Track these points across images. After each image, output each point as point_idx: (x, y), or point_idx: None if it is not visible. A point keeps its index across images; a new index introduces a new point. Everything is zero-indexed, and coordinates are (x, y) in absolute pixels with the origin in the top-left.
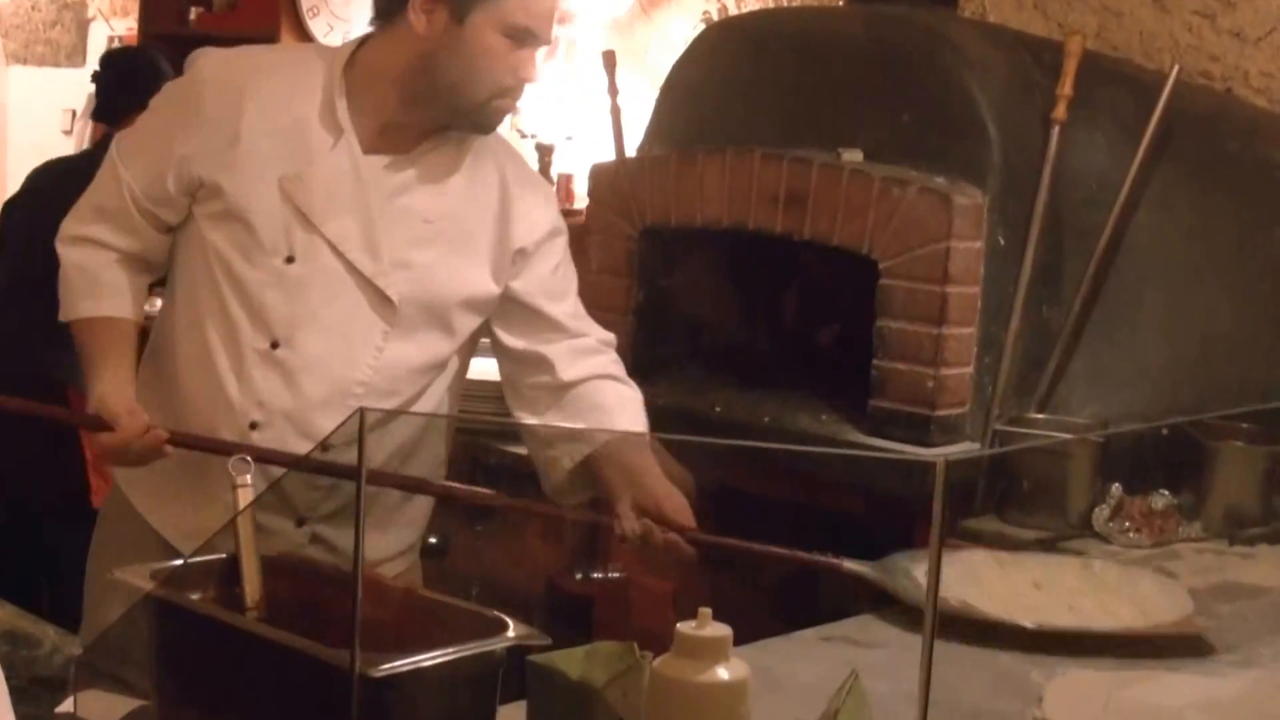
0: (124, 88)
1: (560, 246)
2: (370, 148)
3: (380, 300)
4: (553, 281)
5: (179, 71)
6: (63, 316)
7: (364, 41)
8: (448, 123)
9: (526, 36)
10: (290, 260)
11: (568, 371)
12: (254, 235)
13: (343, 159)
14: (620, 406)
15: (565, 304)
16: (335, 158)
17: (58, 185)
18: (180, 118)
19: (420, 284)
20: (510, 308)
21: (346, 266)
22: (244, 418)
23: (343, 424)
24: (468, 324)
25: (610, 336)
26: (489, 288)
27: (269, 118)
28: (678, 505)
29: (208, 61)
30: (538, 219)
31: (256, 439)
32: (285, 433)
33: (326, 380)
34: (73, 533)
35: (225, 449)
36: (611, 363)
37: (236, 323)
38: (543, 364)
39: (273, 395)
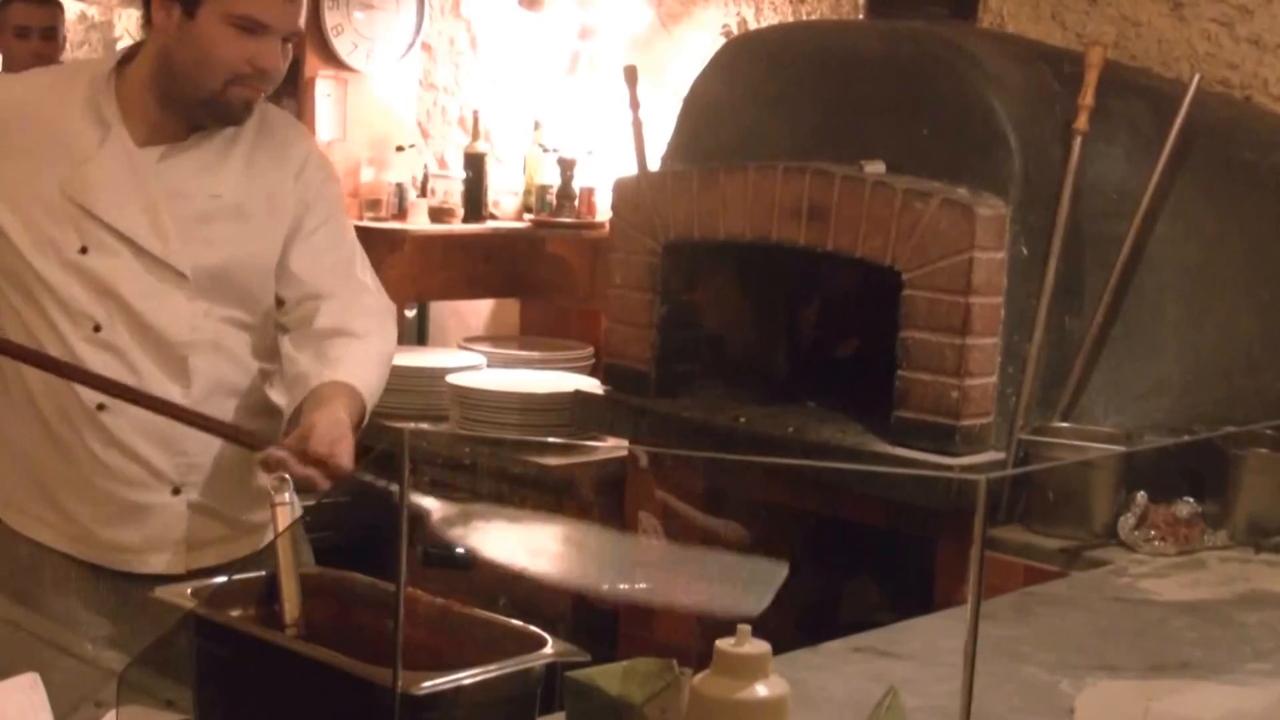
0: None
1: (325, 210)
2: (144, 141)
3: (175, 275)
4: (315, 242)
5: None
6: None
7: (137, 49)
8: (200, 120)
9: (257, 27)
10: (84, 251)
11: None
12: (45, 239)
13: (116, 151)
14: (344, 358)
15: (328, 262)
16: (108, 151)
17: None
18: None
19: (212, 255)
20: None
21: (137, 250)
22: (90, 400)
23: (380, 447)
24: (264, 286)
25: (382, 301)
26: (276, 250)
27: (41, 137)
28: (322, 435)
29: None
30: (312, 180)
31: (105, 419)
32: (129, 408)
33: (156, 348)
34: None
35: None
36: (368, 323)
37: (54, 318)
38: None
39: (110, 371)
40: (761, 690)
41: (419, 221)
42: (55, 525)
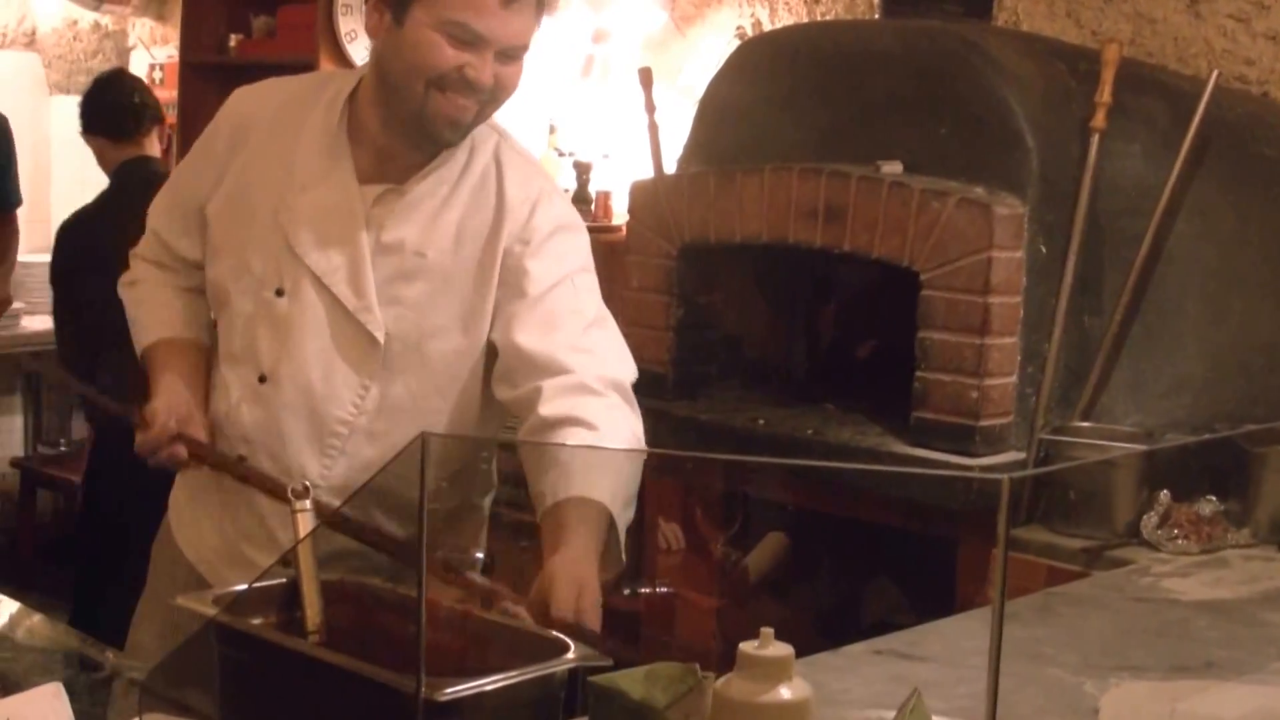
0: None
1: (554, 270)
2: (367, 177)
3: (366, 338)
4: (541, 311)
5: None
6: (139, 353)
7: None
8: (414, 139)
9: (468, 35)
10: (280, 293)
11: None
12: (247, 267)
13: (335, 185)
14: (575, 460)
15: (556, 336)
16: (328, 185)
17: (102, 238)
18: (194, 160)
19: (409, 321)
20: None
21: (332, 301)
22: (233, 450)
23: (403, 450)
24: (458, 366)
25: (617, 374)
26: (481, 328)
27: (271, 147)
28: (563, 596)
29: (230, 100)
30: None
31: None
32: (268, 468)
33: (307, 418)
34: None
35: (240, 473)
36: (602, 407)
37: (237, 355)
38: (524, 405)
39: (257, 429)
40: (785, 693)
41: None
42: (191, 541)
